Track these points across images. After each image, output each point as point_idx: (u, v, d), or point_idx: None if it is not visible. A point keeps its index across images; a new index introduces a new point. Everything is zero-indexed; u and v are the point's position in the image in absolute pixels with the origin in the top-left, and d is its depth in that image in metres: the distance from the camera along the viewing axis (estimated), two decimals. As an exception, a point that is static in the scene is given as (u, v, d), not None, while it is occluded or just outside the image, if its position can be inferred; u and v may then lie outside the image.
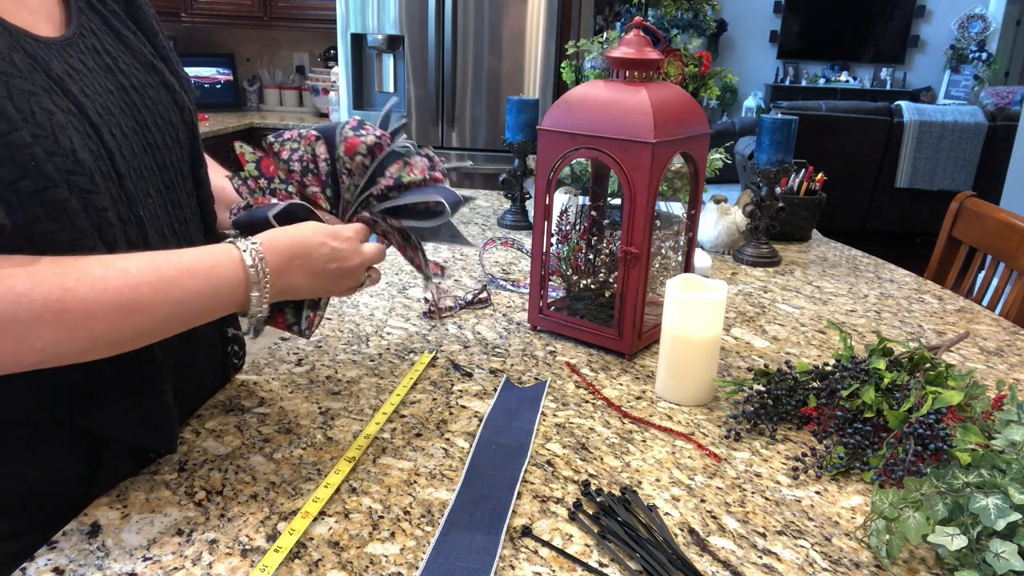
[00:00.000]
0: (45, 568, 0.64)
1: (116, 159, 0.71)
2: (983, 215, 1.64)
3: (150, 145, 0.78)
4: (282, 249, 0.74)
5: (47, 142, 0.63)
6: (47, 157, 0.63)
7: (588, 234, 1.16)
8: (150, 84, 0.81)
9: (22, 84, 0.63)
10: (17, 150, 0.61)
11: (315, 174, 0.82)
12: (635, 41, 1.06)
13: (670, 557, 0.68)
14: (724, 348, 1.17)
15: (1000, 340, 1.26)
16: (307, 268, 0.76)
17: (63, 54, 0.71)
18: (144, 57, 0.81)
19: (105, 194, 0.69)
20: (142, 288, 0.64)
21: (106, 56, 0.76)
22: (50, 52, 0.69)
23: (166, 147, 0.81)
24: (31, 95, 0.64)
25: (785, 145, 1.54)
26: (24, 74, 0.64)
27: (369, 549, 0.68)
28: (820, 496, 0.80)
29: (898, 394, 0.87)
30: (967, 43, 7.46)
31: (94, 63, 0.74)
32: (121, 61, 0.78)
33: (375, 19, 3.17)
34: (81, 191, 0.66)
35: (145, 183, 0.77)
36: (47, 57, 0.68)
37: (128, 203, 0.73)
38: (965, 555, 0.64)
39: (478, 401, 0.97)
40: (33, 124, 0.63)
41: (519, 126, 1.75)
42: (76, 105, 0.69)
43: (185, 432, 0.86)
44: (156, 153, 0.79)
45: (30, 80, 0.65)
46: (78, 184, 0.66)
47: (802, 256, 1.70)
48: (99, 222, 0.68)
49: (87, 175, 0.66)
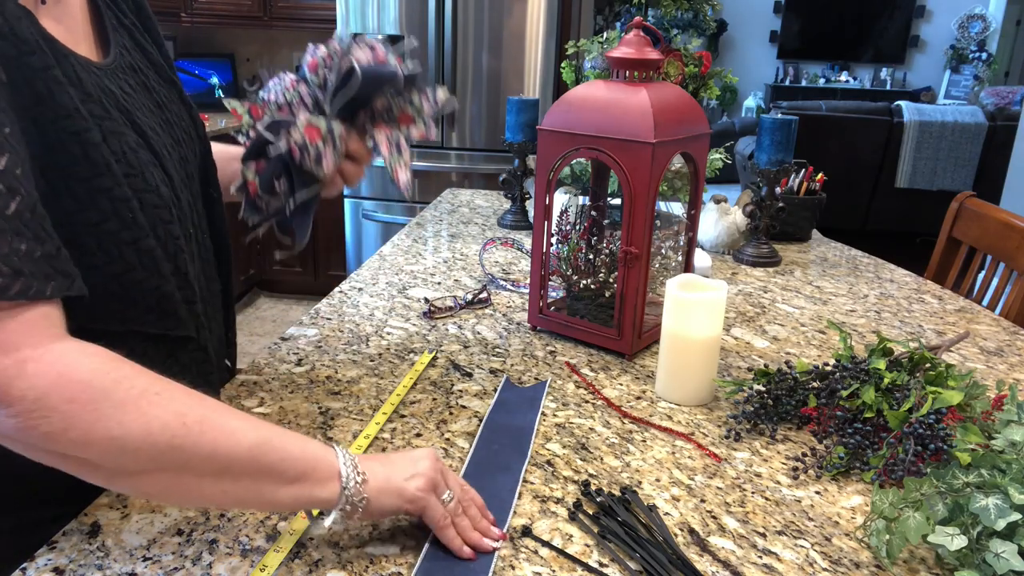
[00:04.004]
0: (45, 568, 0.64)
1: (174, 182, 0.75)
2: (983, 215, 1.64)
3: (183, 160, 0.81)
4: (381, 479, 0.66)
5: (138, 181, 0.67)
6: (134, 194, 0.66)
7: (588, 234, 1.16)
8: (173, 100, 0.83)
9: (112, 126, 0.66)
10: (120, 204, 0.65)
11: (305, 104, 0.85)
12: (635, 41, 1.06)
13: (670, 557, 0.68)
14: (724, 348, 1.17)
15: (1000, 340, 1.26)
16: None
17: (115, 79, 0.72)
18: (165, 72, 0.84)
19: (176, 221, 0.73)
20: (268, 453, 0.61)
21: (141, 75, 0.79)
22: (111, 80, 0.71)
23: (190, 161, 0.84)
24: (120, 136, 0.67)
25: (785, 145, 1.54)
26: (110, 113, 0.67)
27: (369, 549, 0.68)
28: (820, 496, 0.80)
29: (898, 394, 0.87)
30: (967, 43, 7.46)
31: (135, 83, 0.76)
32: (151, 78, 0.81)
33: (375, 19, 3.17)
34: (163, 223, 0.71)
35: (187, 199, 0.80)
36: (111, 87, 0.70)
37: (184, 221, 0.77)
38: (965, 555, 0.64)
39: (478, 401, 0.97)
40: (125, 164, 0.66)
41: (519, 126, 1.75)
42: (141, 136, 0.71)
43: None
44: (187, 167, 0.82)
45: (111, 118, 0.67)
46: (162, 217, 0.71)
47: (802, 256, 1.70)
48: (175, 250, 0.72)
49: (167, 207, 0.71)
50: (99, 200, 0.64)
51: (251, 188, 0.85)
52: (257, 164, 0.84)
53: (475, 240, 1.70)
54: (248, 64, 4.30)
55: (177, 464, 0.58)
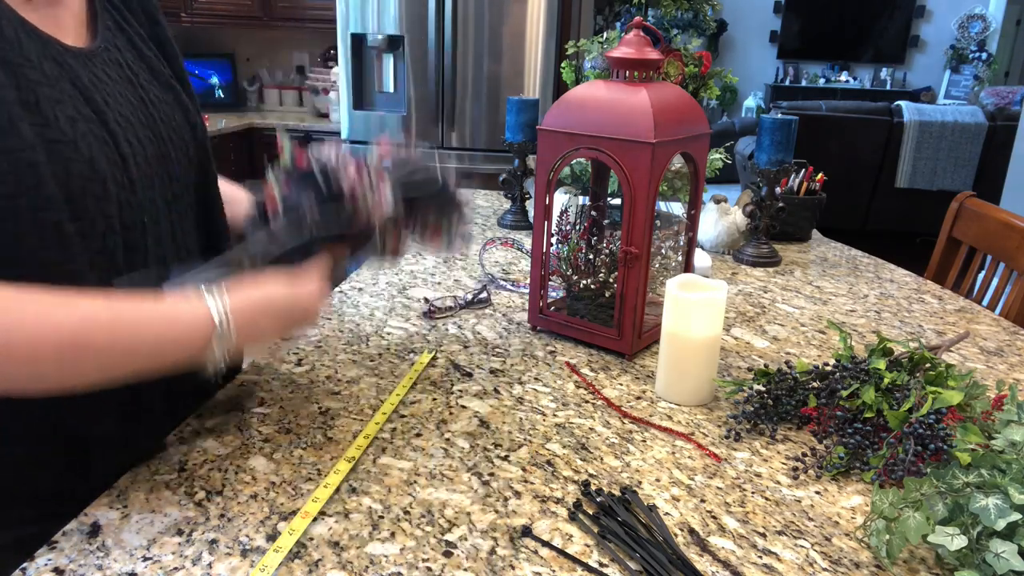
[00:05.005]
0: (45, 568, 0.64)
1: (130, 166, 0.75)
2: (983, 215, 1.64)
3: (163, 156, 0.82)
4: (247, 308, 0.73)
5: (67, 148, 0.68)
6: (58, 162, 0.67)
7: (588, 234, 1.16)
8: (166, 101, 0.85)
9: (50, 92, 0.68)
10: (23, 169, 0.64)
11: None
12: (635, 41, 1.06)
13: (670, 557, 0.68)
14: (724, 348, 1.17)
15: (1000, 340, 1.26)
16: (270, 323, 0.76)
17: (88, 64, 0.75)
18: (163, 77, 0.86)
19: (114, 201, 0.72)
20: (95, 330, 0.65)
21: (127, 70, 0.81)
22: (77, 61, 0.73)
23: (176, 160, 0.84)
24: (57, 102, 0.68)
25: (785, 145, 1.54)
26: (52, 82, 0.69)
27: (369, 549, 0.68)
28: (820, 496, 0.80)
29: (898, 394, 0.87)
30: (967, 43, 7.46)
31: (117, 75, 0.79)
32: (142, 77, 0.83)
33: (375, 19, 3.17)
34: (94, 197, 0.70)
35: (153, 191, 0.80)
36: (74, 66, 0.72)
37: (135, 209, 0.76)
38: (965, 555, 0.64)
39: (478, 401, 0.97)
40: (56, 130, 0.67)
41: (519, 126, 1.75)
42: (97, 113, 0.73)
43: (185, 432, 0.86)
44: (168, 164, 0.83)
45: (57, 88, 0.69)
46: (92, 191, 0.70)
47: (802, 256, 1.70)
48: (104, 228, 0.71)
49: (100, 182, 0.71)
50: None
51: (271, 203, 0.84)
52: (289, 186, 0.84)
53: (475, 240, 1.70)
54: (248, 64, 4.30)
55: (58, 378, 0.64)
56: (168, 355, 0.70)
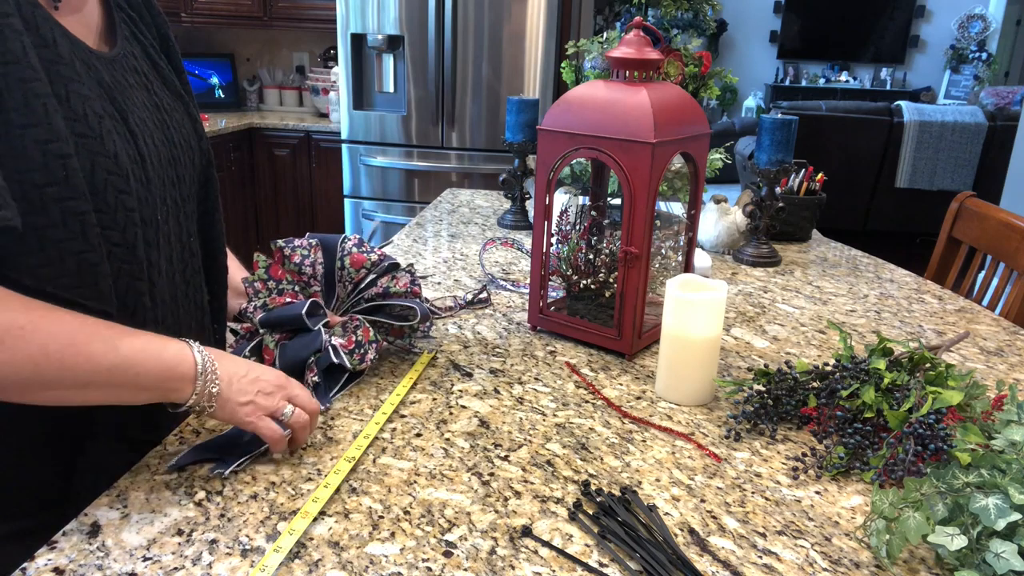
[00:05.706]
0: (45, 568, 0.64)
1: (147, 165, 0.79)
2: (983, 215, 1.64)
3: (173, 159, 0.86)
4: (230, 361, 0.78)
5: (94, 142, 0.71)
6: (87, 156, 0.70)
7: (588, 234, 1.16)
8: (176, 109, 0.89)
9: (79, 89, 0.71)
10: (53, 159, 0.67)
11: (315, 278, 1.01)
12: (635, 41, 1.06)
13: (670, 557, 0.68)
14: (724, 348, 1.17)
15: (1000, 340, 1.26)
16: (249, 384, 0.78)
17: (111, 68, 0.79)
18: (173, 87, 0.90)
19: (135, 195, 0.76)
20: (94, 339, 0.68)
21: (143, 77, 0.85)
22: (101, 63, 0.77)
23: (183, 164, 0.88)
24: (86, 99, 0.72)
25: (785, 145, 1.54)
26: (81, 80, 0.72)
27: (369, 549, 0.68)
28: (820, 496, 0.80)
29: (898, 394, 0.87)
30: (967, 43, 7.46)
31: (134, 81, 0.83)
32: (155, 84, 0.87)
33: (375, 19, 3.17)
34: (117, 191, 0.74)
35: (164, 192, 0.84)
36: (100, 67, 0.76)
37: (151, 206, 0.80)
38: (965, 555, 0.64)
39: (478, 401, 0.97)
40: (84, 124, 0.71)
41: (519, 126, 1.75)
42: (120, 112, 0.76)
43: (185, 432, 0.86)
44: (178, 167, 0.87)
45: (86, 86, 0.72)
46: (115, 185, 0.73)
47: (802, 256, 1.70)
48: (124, 222, 0.75)
49: (123, 176, 0.74)
50: (30, 149, 0.66)
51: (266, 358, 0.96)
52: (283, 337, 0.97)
53: (475, 240, 1.70)
54: (248, 64, 4.30)
55: (43, 384, 0.66)
56: (148, 400, 0.73)
